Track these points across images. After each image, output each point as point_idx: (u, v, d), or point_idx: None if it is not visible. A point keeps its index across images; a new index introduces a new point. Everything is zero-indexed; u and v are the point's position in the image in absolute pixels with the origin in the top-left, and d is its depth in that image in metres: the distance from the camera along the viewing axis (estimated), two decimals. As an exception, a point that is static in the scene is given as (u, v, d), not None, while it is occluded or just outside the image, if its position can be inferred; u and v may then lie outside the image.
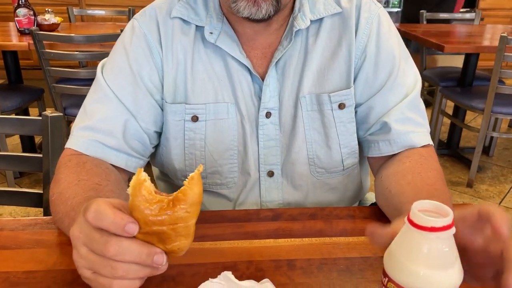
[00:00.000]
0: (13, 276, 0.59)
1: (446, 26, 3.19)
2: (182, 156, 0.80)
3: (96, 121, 0.74)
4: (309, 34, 0.79)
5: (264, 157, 0.80)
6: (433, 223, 0.41)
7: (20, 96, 2.40)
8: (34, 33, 2.05)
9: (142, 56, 0.77)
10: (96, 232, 0.46)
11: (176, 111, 0.78)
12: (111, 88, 0.76)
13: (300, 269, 0.61)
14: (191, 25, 0.78)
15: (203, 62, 0.78)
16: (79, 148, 0.73)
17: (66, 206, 0.62)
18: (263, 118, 0.79)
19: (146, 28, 0.78)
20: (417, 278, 0.42)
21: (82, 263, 0.47)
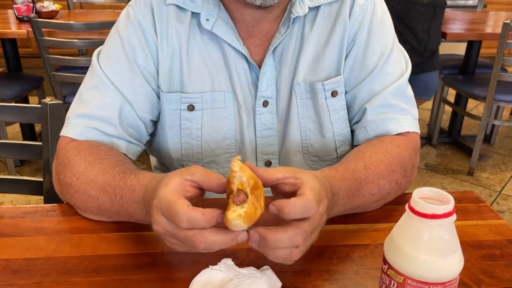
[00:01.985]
0: (13, 263, 0.59)
1: (449, 13, 3.15)
2: (178, 145, 0.79)
3: (93, 108, 0.74)
4: (306, 21, 0.78)
5: (261, 146, 0.80)
6: (433, 210, 0.41)
7: (20, 85, 2.39)
8: (33, 21, 2.03)
9: (137, 44, 0.76)
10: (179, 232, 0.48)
11: (172, 100, 0.77)
12: (107, 76, 0.75)
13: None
14: (187, 12, 0.76)
15: (199, 50, 0.77)
16: (77, 136, 0.72)
17: (98, 183, 0.63)
18: (260, 107, 0.78)
19: (140, 15, 0.77)
20: (417, 265, 0.42)
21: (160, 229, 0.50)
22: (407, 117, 0.77)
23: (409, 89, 0.80)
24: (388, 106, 0.77)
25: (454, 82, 2.61)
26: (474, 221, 0.69)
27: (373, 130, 0.77)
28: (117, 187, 0.61)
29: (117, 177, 0.62)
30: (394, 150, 0.72)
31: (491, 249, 0.63)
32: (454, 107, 2.76)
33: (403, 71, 0.79)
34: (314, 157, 0.81)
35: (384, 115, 0.76)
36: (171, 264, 0.59)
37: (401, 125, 0.76)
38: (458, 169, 2.62)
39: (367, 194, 0.67)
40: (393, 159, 0.71)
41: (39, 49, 2.12)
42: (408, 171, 0.73)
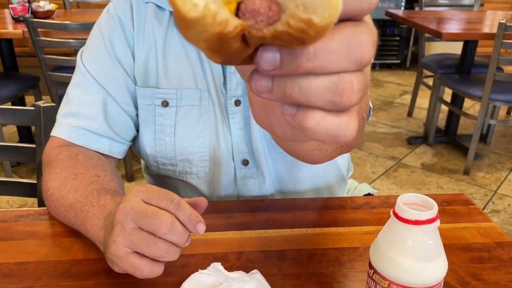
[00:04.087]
0: (5, 268, 0.59)
1: (445, 13, 3.16)
2: (153, 141, 0.79)
3: (77, 105, 0.74)
4: None
5: (237, 145, 0.79)
6: (417, 216, 0.41)
7: (16, 85, 2.38)
8: (28, 21, 2.03)
9: (118, 38, 0.76)
10: (150, 209, 0.48)
11: (146, 95, 0.78)
12: (89, 71, 0.76)
13: (290, 259, 0.62)
14: (165, 11, 0.77)
15: (176, 48, 0.77)
16: (64, 136, 0.73)
17: (67, 200, 0.63)
18: (232, 106, 0.78)
19: (120, 10, 0.77)
20: (401, 270, 0.43)
21: (122, 238, 0.48)
22: None
23: None
24: None
25: (450, 81, 2.61)
26: (463, 224, 0.70)
27: None
28: (87, 204, 0.60)
29: (90, 196, 0.61)
30: None
31: (479, 252, 0.64)
32: (450, 106, 2.77)
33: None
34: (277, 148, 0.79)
35: None
36: (162, 267, 0.59)
37: None
38: (454, 168, 2.62)
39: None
40: None
41: (35, 49, 2.12)
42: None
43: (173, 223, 0.47)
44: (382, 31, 4.34)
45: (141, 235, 0.48)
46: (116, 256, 0.49)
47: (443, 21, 2.76)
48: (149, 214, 0.48)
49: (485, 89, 2.32)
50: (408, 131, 3.10)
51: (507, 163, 2.69)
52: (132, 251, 0.49)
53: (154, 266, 0.49)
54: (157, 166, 0.81)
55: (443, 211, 0.73)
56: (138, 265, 0.48)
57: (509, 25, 2.15)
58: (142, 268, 0.48)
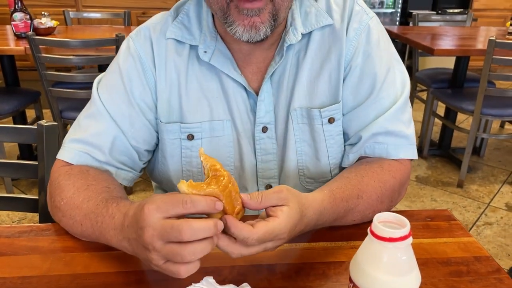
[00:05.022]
0: (9, 282, 0.63)
1: (439, 29, 3.23)
2: (180, 173, 0.82)
3: (88, 135, 0.78)
4: (300, 47, 0.80)
5: (262, 171, 0.82)
6: (391, 234, 0.45)
7: (17, 99, 2.43)
8: (30, 38, 2.08)
9: (136, 76, 0.80)
10: (167, 224, 0.52)
11: (172, 130, 0.81)
12: (104, 105, 0.79)
13: (280, 273, 0.65)
14: (185, 45, 0.80)
15: (198, 81, 0.80)
16: (70, 159, 0.77)
17: (82, 210, 0.67)
18: (260, 133, 0.81)
19: (140, 48, 0.80)
20: (377, 284, 0.46)
21: (156, 256, 0.53)
22: (403, 143, 0.79)
23: (406, 112, 0.80)
24: (384, 134, 0.78)
25: (442, 96, 2.67)
26: (444, 239, 0.74)
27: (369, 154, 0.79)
28: (99, 215, 0.64)
29: (100, 205, 0.65)
30: (390, 181, 0.75)
31: (458, 266, 0.67)
32: (443, 120, 2.82)
33: (397, 96, 0.79)
34: (309, 178, 0.84)
35: (380, 142, 0.78)
36: (157, 281, 0.63)
37: (394, 151, 0.78)
38: (448, 181, 2.66)
39: (349, 220, 0.73)
40: (386, 190, 0.74)
41: (36, 66, 2.16)
42: (394, 200, 0.77)
43: (191, 227, 0.51)
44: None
45: (168, 249, 0.53)
46: (157, 267, 0.55)
47: (436, 37, 2.83)
48: (168, 228, 0.52)
49: (476, 103, 2.37)
50: (403, 144, 3.14)
51: (500, 176, 2.73)
52: (166, 261, 0.54)
53: (188, 267, 0.54)
54: None
55: (426, 226, 0.77)
56: (176, 271, 0.54)
57: (499, 41, 2.20)
58: (178, 272, 0.54)
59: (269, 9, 0.70)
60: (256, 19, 0.70)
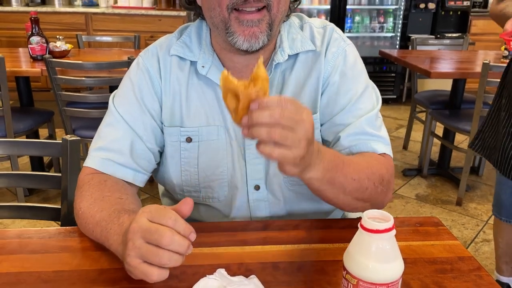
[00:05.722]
0: (43, 275, 0.71)
1: (437, 52, 3.35)
2: (179, 172, 0.93)
3: (108, 142, 0.88)
4: (287, 66, 0.92)
5: (250, 172, 0.92)
6: (377, 226, 0.54)
7: (32, 119, 2.54)
8: (47, 61, 2.21)
9: (145, 87, 0.91)
10: (153, 226, 0.59)
11: (173, 133, 0.92)
12: (120, 114, 0.90)
13: (283, 269, 0.73)
14: (186, 61, 0.92)
15: (196, 92, 0.91)
16: (95, 166, 0.87)
17: (95, 218, 0.76)
18: (249, 139, 0.91)
19: (148, 64, 0.92)
20: (367, 270, 0.55)
21: (134, 252, 0.60)
22: (380, 141, 0.88)
23: (378, 118, 0.91)
24: (362, 133, 0.87)
25: (440, 116, 2.76)
26: (432, 242, 0.82)
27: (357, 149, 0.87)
28: (109, 222, 0.73)
29: (113, 215, 0.74)
30: (374, 161, 0.84)
31: (443, 265, 0.75)
32: (442, 140, 2.90)
33: (374, 105, 0.91)
34: (292, 180, 0.93)
35: (358, 140, 0.87)
36: (175, 275, 0.71)
37: (377, 147, 0.87)
38: (447, 199, 2.73)
39: (348, 175, 0.76)
40: (373, 166, 0.82)
41: (52, 86, 2.28)
42: (385, 181, 0.83)
43: (172, 236, 0.58)
44: (379, 68, 4.55)
45: (147, 248, 0.59)
46: (131, 266, 0.61)
47: (434, 60, 2.94)
48: (153, 230, 0.59)
49: (473, 124, 2.46)
50: (404, 163, 3.22)
51: (499, 194, 2.79)
52: (142, 261, 0.60)
53: (161, 272, 0.60)
54: (182, 193, 0.95)
55: (415, 231, 0.85)
56: (148, 272, 0.60)
57: (493, 65, 2.31)
58: (152, 274, 0.60)
59: (267, 20, 0.81)
60: (255, 29, 0.81)
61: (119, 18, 4.29)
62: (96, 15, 4.29)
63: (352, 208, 0.84)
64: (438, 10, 4.53)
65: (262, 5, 0.80)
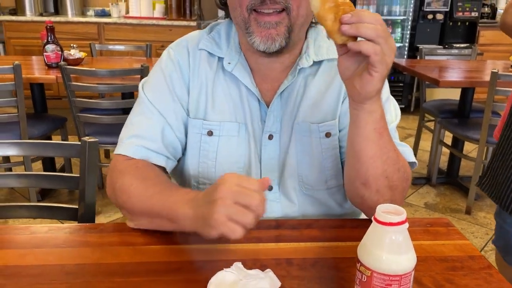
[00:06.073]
0: (67, 268, 0.74)
1: (445, 62, 3.37)
2: (196, 164, 0.95)
3: (141, 130, 0.91)
4: (310, 72, 0.95)
5: (264, 173, 0.95)
6: (391, 219, 0.56)
7: (46, 125, 2.59)
8: (63, 68, 2.26)
9: (176, 78, 0.94)
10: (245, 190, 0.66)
11: (196, 125, 0.94)
12: (152, 103, 0.93)
13: (297, 265, 0.75)
14: (215, 57, 0.95)
15: (222, 87, 0.94)
16: (129, 153, 0.89)
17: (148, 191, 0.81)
18: (266, 140, 0.94)
19: (179, 56, 0.96)
20: (381, 261, 0.57)
21: (224, 209, 0.65)
22: (404, 149, 0.89)
23: (397, 134, 0.91)
24: None
25: (449, 125, 2.77)
26: (442, 241, 0.83)
27: None
28: (172, 194, 0.78)
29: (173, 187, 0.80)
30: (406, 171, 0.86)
31: (454, 263, 0.77)
32: (451, 149, 2.91)
33: (393, 119, 0.92)
34: (307, 185, 0.95)
35: None
36: (193, 269, 0.73)
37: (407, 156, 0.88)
38: (456, 208, 2.73)
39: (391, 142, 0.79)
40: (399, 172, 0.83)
41: (66, 93, 2.33)
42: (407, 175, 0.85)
43: (260, 200, 0.65)
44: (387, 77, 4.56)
45: (237, 208, 0.65)
46: (218, 222, 0.65)
47: (442, 69, 2.96)
48: (245, 193, 0.65)
49: (481, 132, 2.47)
50: (412, 171, 3.22)
51: (508, 204, 2.78)
52: (229, 219, 0.65)
53: (242, 231, 0.65)
54: (197, 185, 0.98)
55: (426, 231, 0.87)
56: (235, 229, 0.65)
57: (502, 74, 2.33)
58: (237, 231, 0.65)
59: (286, 23, 0.84)
60: (272, 31, 0.84)
61: (130, 28, 4.38)
62: (108, 25, 4.38)
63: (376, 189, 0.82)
64: (446, 20, 4.56)
65: (280, 7, 0.83)
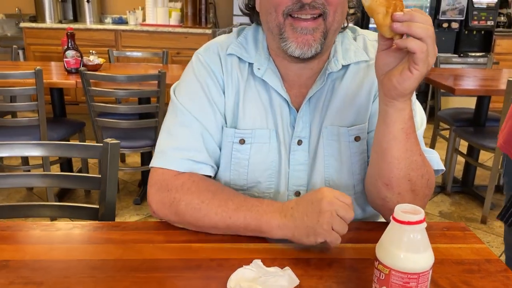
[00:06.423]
0: (91, 263, 0.76)
1: (461, 70, 3.36)
2: (228, 171, 0.95)
3: (184, 141, 0.90)
4: (337, 76, 0.95)
5: (293, 179, 0.95)
6: (409, 218, 0.57)
7: (65, 129, 2.65)
8: (82, 73, 2.32)
9: (212, 85, 0.93)
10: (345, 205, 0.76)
11: (228, 134, 0.94)
12: (189, 111, 0.91)
13: (314, 265, 0.77)
14: (246, 62, 0.95)
15: (252, 94, 0.94)
16: (178, 168, 0.89)
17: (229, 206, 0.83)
18: (295, 145, 0.94)
19: (210, 62, 0.94)
20: (399, 260, 0.58)
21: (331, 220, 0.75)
22: (431, 156, 0.89)
23: (423, 141, 0.91)
24: None
25: (464, 133, 2.76)
26: (459, 245, 0.84)
27: None
28: (253, 205, 0.81)
29: (248, 200, 0.82)
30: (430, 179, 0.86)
31: (471, 266, 0.77)
32: (466, 157, 2.89)
33: (418, 126, 0.89)
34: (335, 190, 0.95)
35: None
36: (213, 266, 0.75)
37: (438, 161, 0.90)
38: (472, 217, 2.70)
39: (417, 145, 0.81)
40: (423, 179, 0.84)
41: (86, 98, 2.39)
42: (431, 182, 0.85)
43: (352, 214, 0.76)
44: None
45: (339, 220, 0.75)
46: (325, 230, 0.75)
47: (457, 77, 2.95)
48: (345, 208, 0.75)
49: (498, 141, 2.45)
50: (426, 181, 3.20)
51: (525, 213, 2.75)
52: (333, 229, 0.75)
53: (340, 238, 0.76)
54: None
55: (443, 235, 0.88)
56: (337, 237, 0.76)
57: (518, 82, 2.31)
58: (339, 239, 0.76)
59: (321, 29, 0.84)
60: (309, 37, 0.84)
61: (147, 35, 4.45)
62: (125, 32, 4.46)
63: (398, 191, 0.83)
64: (462, 29, 4.54)
65: (318, 12, 0.83)
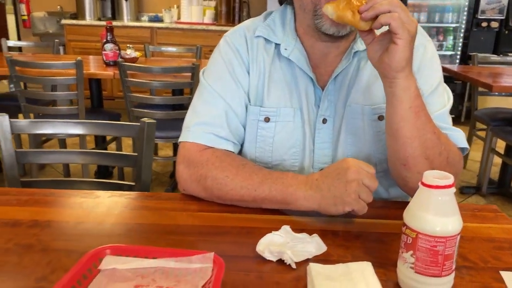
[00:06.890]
0: (129, 226, 0.81)
1: (499, 69, 3.26)
2: (253, 149, 0.98)
3: (206, 117, 0.94)
4: (363, 55, 0.96)
5: (317, 157, 0.97)
6: (437, 182, 0.58)
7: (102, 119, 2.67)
8: (120, 64, 2.40)
9: (237, 65, 0.97)
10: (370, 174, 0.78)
11: (253, 112, 0.97)
12: (214, 89, 0.96)
13: (342, 236, 0.78)
14: (272, 44, 0.98)
15: (278, 73, 0.97)
16: (199, 140, 0.92)
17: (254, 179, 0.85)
18: (320, 124, 0.96)
19: (237, 43, 0.98)
20: (426, 223, 0.59)
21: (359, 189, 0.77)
22: (456, 134, 0.90)
23: (450, 119, 0.93)
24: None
25: (502, 133, 2.68)
26: (489, 224, 0.83)
27: None
28: (278, 178, 0.84)
29: (272, 173, 0.85)
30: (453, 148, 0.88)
31: (501, 243, 0.77)
32: (503, 157, 2.80)
33: (445, 103, 0.93)
34: None
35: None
36: (242, 233, 0.78)
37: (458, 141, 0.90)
38: (507, 219, 2.62)
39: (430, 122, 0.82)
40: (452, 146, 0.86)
41: (122, 88, 2.47)
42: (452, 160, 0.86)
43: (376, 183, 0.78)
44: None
45: (365, 189, 0.77)
46: (353, 199, 0.77)
47: (496, 75, 2.87)
48: (370, 177, 0.77)
49: (537, 140, 2.38)
50: (461, 181, 3.13)
51: None
52: (360, 198, 0.77)
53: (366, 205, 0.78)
54: None
55: (473, 215, 0.87)
56: (364, 205, 0.78)
57: (560, 79, 2.23)
58: (365, 207, 0.78)
59: None
60: None
61: (181, 33, 4.55)
62: (160, 30, 4.58)
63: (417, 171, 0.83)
64: (502, 29, 4.41)
65: None
